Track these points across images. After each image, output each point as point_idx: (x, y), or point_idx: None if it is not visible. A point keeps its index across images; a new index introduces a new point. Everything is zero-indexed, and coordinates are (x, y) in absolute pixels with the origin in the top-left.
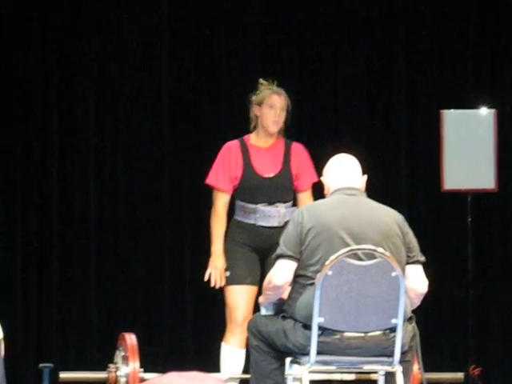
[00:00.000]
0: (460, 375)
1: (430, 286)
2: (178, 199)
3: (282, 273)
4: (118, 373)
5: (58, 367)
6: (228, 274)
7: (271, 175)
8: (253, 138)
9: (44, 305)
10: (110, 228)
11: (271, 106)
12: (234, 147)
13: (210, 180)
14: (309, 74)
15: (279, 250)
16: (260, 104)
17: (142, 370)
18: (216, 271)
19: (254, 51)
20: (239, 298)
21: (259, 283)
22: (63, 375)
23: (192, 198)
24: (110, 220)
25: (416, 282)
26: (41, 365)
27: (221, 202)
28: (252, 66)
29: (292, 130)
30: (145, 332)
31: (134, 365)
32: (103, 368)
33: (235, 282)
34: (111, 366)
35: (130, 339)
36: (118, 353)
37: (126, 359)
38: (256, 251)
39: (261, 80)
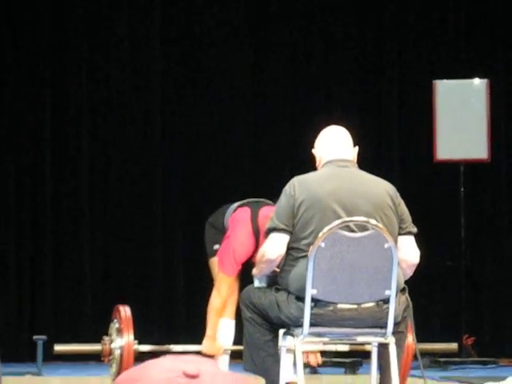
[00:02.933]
0: (454, 345)
1: (423, 256)
2: (168, 156)
3: (275, 246)
4: (113, 345)
5: (52, 339)
6: (216, 247)
7: None
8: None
9: (37, 278)
10: (103, 200)
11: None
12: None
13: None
14: (300, 43)
15: (272, 223)
16: None
17: (136, 341)
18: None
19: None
20: None
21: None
22: (58, 348)
23: (182, 175)
24: (102, 191)
25: (408, 252)
26: (35, 337)
27: (227, 285)
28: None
29: (285, 104)
30: (139, 304)
31: (129, 337)
32: (98, 340)
33: None
34: (105, 338)
35: (125, 311)
36: (112, 325)
37: (120, 331)
38: None
39: None
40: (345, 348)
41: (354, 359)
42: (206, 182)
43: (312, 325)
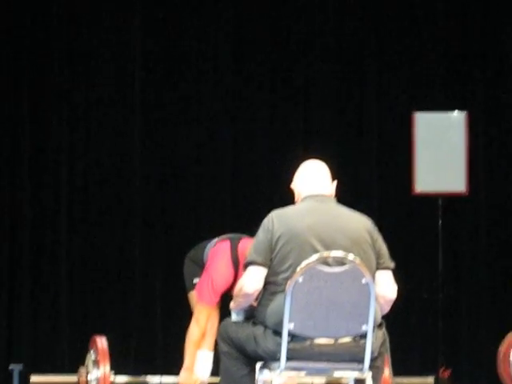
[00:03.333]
0: (430, 379)
1: (400, 289)
2: (147, 193)
3: (252, 280)
4: (89, 376)
5: (28, 368)
6: (196, 280)
7: None
8: None
9: (14, 305)
10: (82, 230)
11: None
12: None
13: None
14: (281, 79)
15: (249, 257)
16: None
17: (112, 372)
18: None
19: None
20: None
21: None
22: (34, 378)
23: (160, 188)
24: (80, 219)
25: (385, 288)
26: (11, 365)
27: (205, 315)
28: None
29: (263, 134)
30: (116, 334)
31: (105, 368)
32: (74, 369)
33: None
34: (82, 369)
35: (101, 342)
36: (88, 356)
37: (96, 363)
38: None
39: None
40: (321, 380)
41: None
42: (184, 217)
43: (289, 359)
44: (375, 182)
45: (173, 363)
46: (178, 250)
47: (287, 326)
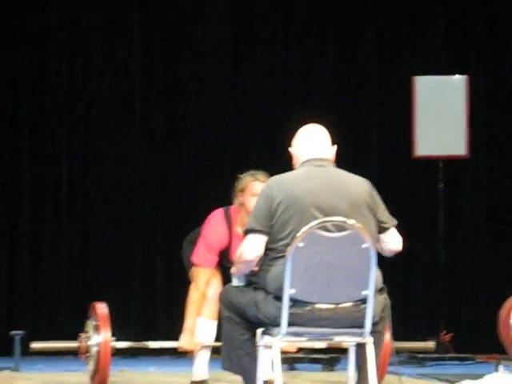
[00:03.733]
0: (431, 344)
1: (402, 252)
2: (150, 173)
3: (252, 247)
4: (90, 342)
5: (29, 335)
6: None
7: None
8: (239, 224)
9: (15, 273)
10: (81, 197)
11: (253, 195)
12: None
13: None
14: (282, 46)
15: (249, 225)
16: (243, 191)
17: (113, 338)
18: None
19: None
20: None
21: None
22: (34, 345)
23: (162, 167)
24: (81, 189)
25: (392, 243)
26: (12, 332)
27: (203, 277)
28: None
29: (263, 100)
30: (116, 301)
31: (106, 334)
32: (75, 336)
33: None
34: (82, 335)
35: (101, 308)
36: (89, 322)
37: (97, 328)
38: None
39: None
40: (322, 345)
41: (332, 355)
42: (185, 188)
43: (290, 324)
44: (376, 146)
45: (174, 329)
46: (178, 215)
47: (288, 292)
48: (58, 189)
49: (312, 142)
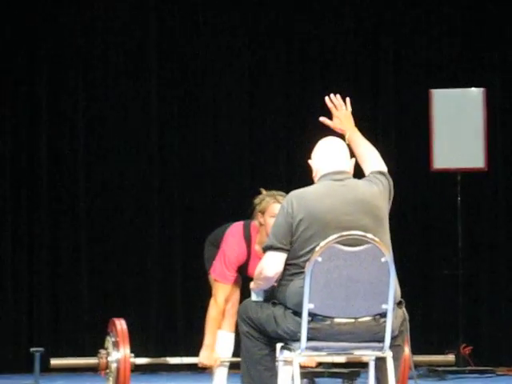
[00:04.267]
0: (451, 357)
1: (421, 265)
2: (167, 186)
3: (272, 264)
4: (109, 358)
5: (49, 351)
6: None
7: None
8: (257, 243)
9: (35, 289)
10: (101, 215)
11: (273, 217)
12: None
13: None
14: (298, 52)
15: (269, 242)
16: (263, 212)
17: (132, 355)
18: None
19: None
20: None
21: None
22: (54, 361)
23: (181, 183)
24: (100, 207)
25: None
26: (32, 349)
27: (223, 293)
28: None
29: (279, 110)
30: (136, 317)
31: (125, 350)
32: (95, 351)
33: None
34: (102, 351)
35: (121, 325)
36: (108, 338)
37: (116, 345)
38: None
39: (262, 190)
40: (342, 359)
41: (352, 369)
42: (204, 193)
43: (309, 339)
44: (394, 159)
45: (193, 345)
46: (197, 231)
47: (307, 306)
48: (75, 205)
49: (331, 155)
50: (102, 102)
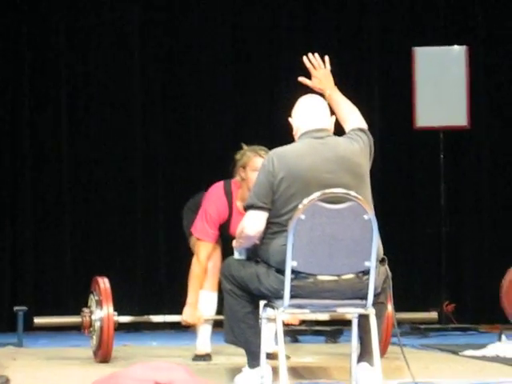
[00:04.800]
0: (434, 314)
1: (404, 223)
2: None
3: (253, 223)
4: (93, 317)
5: (32, 310)
6: None
7: None
8: (239, 199)
9: (18, 249)
10: (84, 174)
11: (255, 170)
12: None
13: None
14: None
15: (250, 200)
16: (244, 167)
17: (116, 313)
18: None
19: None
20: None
21: None
22: (37, 320)
23: (164, 144)
24: (83, 165)
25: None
26: (15, 308)
27: (205, 251)
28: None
29: (262, 74)
30: (119, 275)
31: (108, 309)
32: (78, 311)
33: None
34: (85, 310)
35: (104, 283)
36: (91, 297)
37: (99, 303)
38: None
39: (243, 145)
40: (325, 317)
41: (335, 327)
42: (187, 159)
43: (292, 296)
44: (377, 117)
45: (176, 303)
46: (180, 190)
47: (290, 264)
48: (60, 165)
49: (311, 113)
50: (85, 82)
